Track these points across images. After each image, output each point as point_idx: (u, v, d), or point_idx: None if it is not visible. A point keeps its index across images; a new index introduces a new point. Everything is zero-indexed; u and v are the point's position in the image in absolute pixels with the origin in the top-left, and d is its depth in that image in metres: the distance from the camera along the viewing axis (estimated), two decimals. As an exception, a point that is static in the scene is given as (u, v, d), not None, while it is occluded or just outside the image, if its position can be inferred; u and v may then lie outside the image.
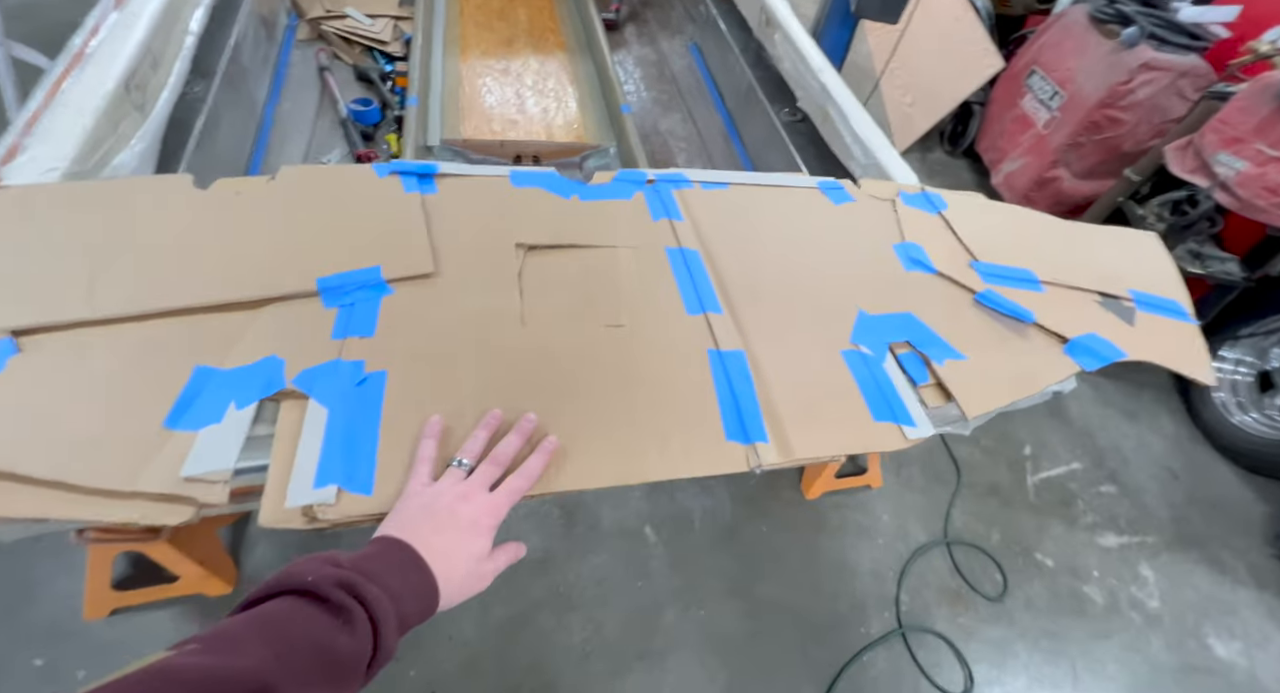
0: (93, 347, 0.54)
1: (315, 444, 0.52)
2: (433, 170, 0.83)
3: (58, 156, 0.77)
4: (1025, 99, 2.45)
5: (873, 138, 1.21)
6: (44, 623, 1.10)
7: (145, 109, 0.99)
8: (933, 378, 0.69)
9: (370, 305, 0.64)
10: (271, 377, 0.56)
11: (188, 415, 0.51)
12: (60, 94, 0.88)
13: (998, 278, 0.82)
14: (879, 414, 0.65)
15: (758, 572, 1.40)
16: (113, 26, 1.04)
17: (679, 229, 0.83)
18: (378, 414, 0.55)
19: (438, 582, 0.46)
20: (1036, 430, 1.80)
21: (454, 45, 2.26)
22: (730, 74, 2.08)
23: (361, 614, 0.39)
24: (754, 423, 0.61)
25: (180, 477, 0.47)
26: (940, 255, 0.84)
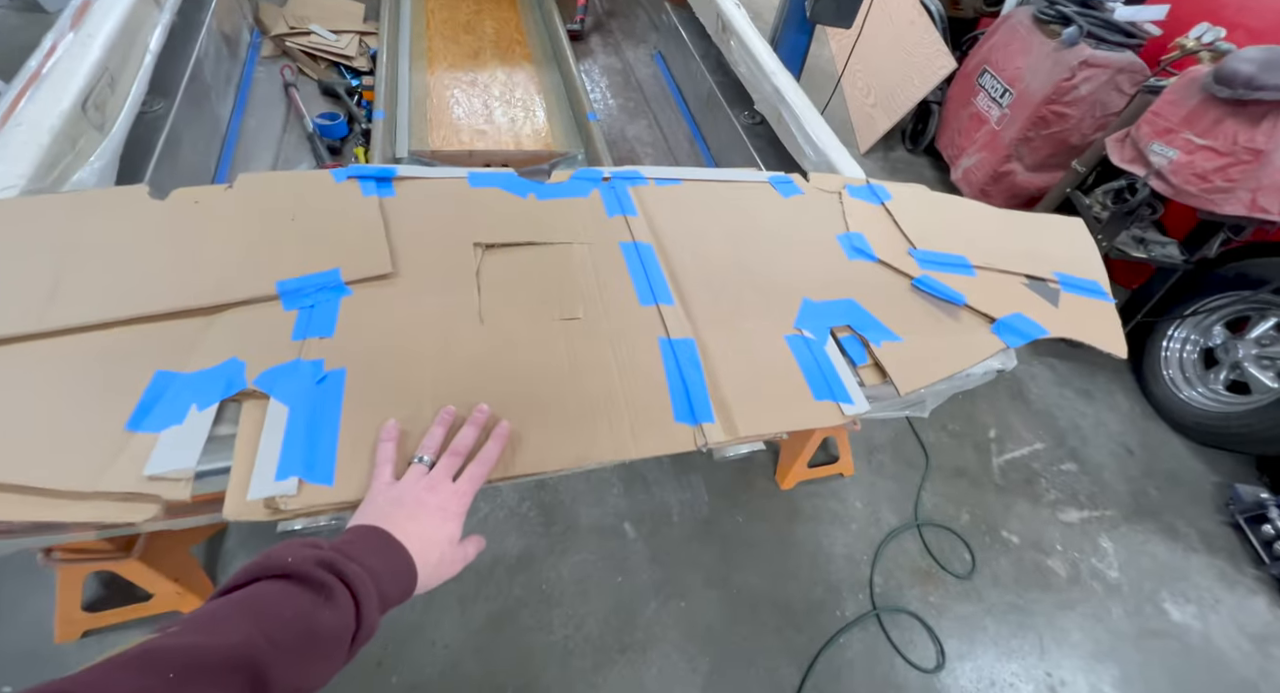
0: (54, 357, 0.55)
1: (277, 440, 0.54)
2: (391, 174, 0.85)
3: (14, 174, 0.78)
4: (978, 97, 2.55)
5: (822, 136, 1.26)
6: (13, 648, 1.08)
7: (104, 128, 1.00)
8: (870, 359, 0.74)
9: (330, 307, 0.66)
10: (232, 378, 0.57)
11: (149, 418, 0.53)
12: (16, 113, 0.89)
13: (933, 264, 0.87)
14: (819, 394, 0.68)
15: (735, 562, 1.43)
16: (69, 46, 1.05)
17: (633, 224, 0.86)
18: (338, 410, 0.57)
19: (415, 562, 0.47)
20: (1000, 413, 1.87)
21: (421, 59, 2.28)
22: (693, 80, 2.14)
23: (343, 591, 0.40)
24: (701, 405, 0.64)
25: (143, 476, 0.49)
26: (881, 244, 0.89)
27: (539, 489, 1.48)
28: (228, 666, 0.33)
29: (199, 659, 0.33)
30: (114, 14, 1.15)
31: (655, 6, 2.72)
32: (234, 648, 0.34)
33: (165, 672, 0.31)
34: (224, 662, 0.33)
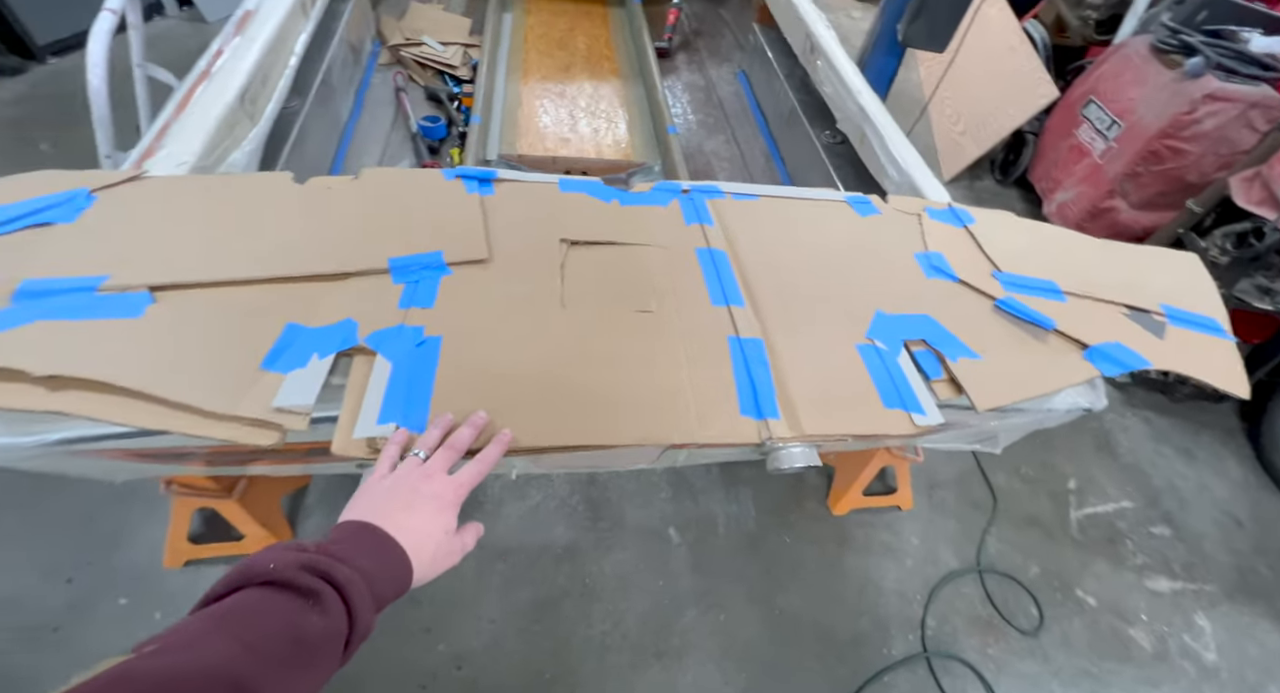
0: (212, 302, 0.65)
1: (380, 390, 0.60)
2: (491, 176, 0.92)
3: (187, 152, 0.91)
4: (1081, 129, 2.41)
5: (907, 157, 1.25)
6: (130, 567, 1.23)
7: (254, 118, 1.15)
8: (946, 374, 0.72)
9: (432, 283, 0.73)
10: (347, 335, 0.64)
11: (280, 361, 0.60)
12: (190, 104, 1.04)
13: (1020, 287, 0.84)
14: (889, 402, 0.67)
15: (780, 582, 1.40)
16: (234, 49, 1.22)
17: (709, 233, 0.89)
18: (433, 370, 0.63)
19: (409, 557, 0.46)
20: (1082, 463, 1.73)
21: (516, 70, 2.44)
22: (775, 98, 2.15)
23: (332, 594, 0.39)
24: (768, 402, 0.65)
25: (271, 407, 0.56)
26: (962, 265, 0.87)
27: (589, 484, 1.52)
28: (208, 683, 0.32)
29: (177, 680, 0.31)
30: (270, 23, 1.33)
31: (742, 27, 2.77)
32: (214, 666, 0.32)
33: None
34: (204, 680, 0.32)
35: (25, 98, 2.40)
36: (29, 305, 0.59)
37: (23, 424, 0.59)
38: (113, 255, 0.66)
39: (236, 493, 1.16)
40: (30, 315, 0.58)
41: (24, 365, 0.53)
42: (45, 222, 0.68)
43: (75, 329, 0.58)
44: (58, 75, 2.54)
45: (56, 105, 2.39)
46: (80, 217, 0.70)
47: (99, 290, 0.62)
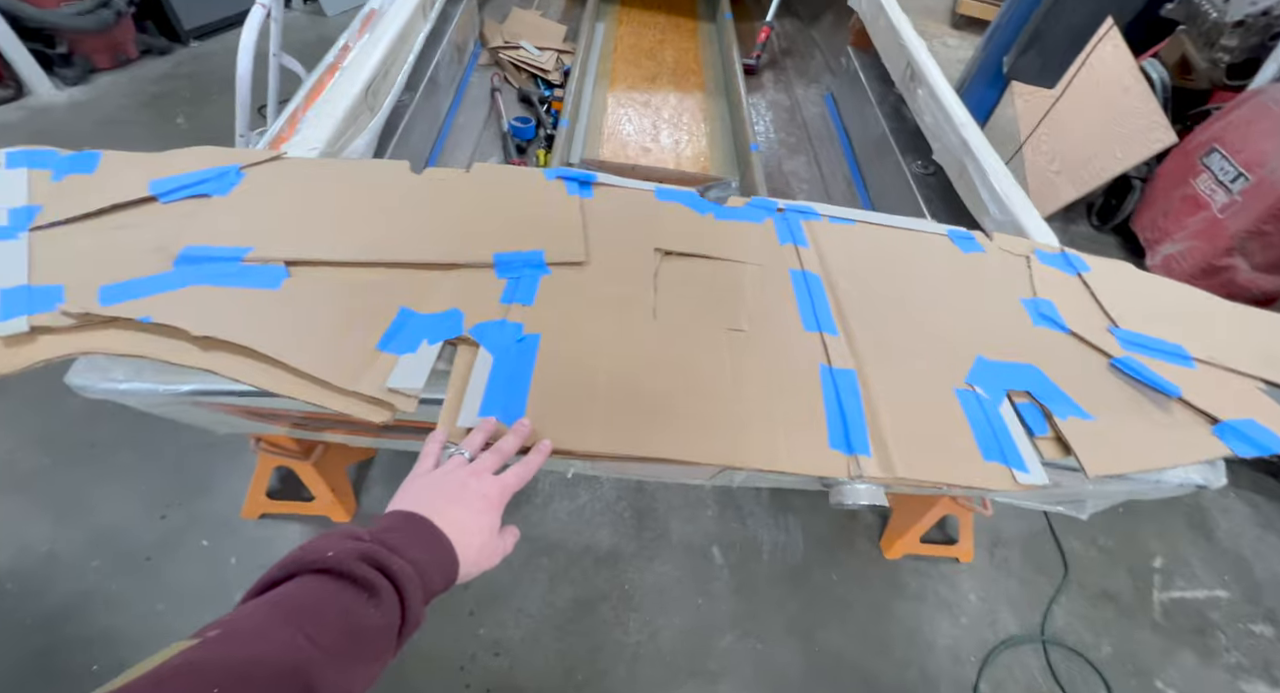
0: (334, 281, 0.70)
1: (482, 382, 0.62)
2: (591, 179, 0.95)
3: (316, 139, 0.99)
4: (1200, 178, 2.23)
5: (1013, 195, 1.19)
6: (213, 513, 1.33)
7: (374, 110, 1.23)
8: (1052, 432, 0.67)
9: (532, 281, 0.75)
10: (453, 324, 0.67)
11: (393, 343, 0.63)
12: (322, 94, 1.13)
13: (1140, 347, 0.78)
14: (989, 453, 0.64)
15: (822, 618, 1.35)
16: (363, 45, 1.32)
17: (804, 255, 0.88)
18: (530, 367, 0.64)
19: (456, 552, 0.46)
20: (1171, 541, 1.58)
21: (604, 78, 2.50)
22: (864, 123, 2.11)
23: (387, 587, 0.39)
24: (859, 437, 0.63)
25: (385, 387, 0.59)
26: (1074, 316, 0.82)
27: (637, 492, 1.52)
28: (275, 676, 0.32)
29: (246, 672, 0.31)
30: (396, 22, 1.42)
31: (833, 50, 2.73)
32: (280, 659, 0.33)
33: (210, 687, 0.30)
34: (272, 673, 0.32)
35: (168, 76, 2.67)
36: (187, 270, 0.65)
37: (162, 374, 0.66)
38: (256, 229, 0.72)
39: (314, 457, 1.24)
40: (187, 280, 0.64)
41: (184, 325, 0.58)
42: (203, 193, 0.75)
43: (223, 295, 0.64)
44: (197, 57, 2.81)
45: (193, 83, 2.64)
46: (231, 191, 0.77)
47: (244, 261, 0.68)
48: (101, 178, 0.75)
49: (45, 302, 0.60)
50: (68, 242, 0.66)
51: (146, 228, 0.70)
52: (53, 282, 0.61)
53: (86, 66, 2.54)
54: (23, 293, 0.60)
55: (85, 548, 1.27)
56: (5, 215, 0.67)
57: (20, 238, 0.65)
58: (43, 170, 0.74)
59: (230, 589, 1.23)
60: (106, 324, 0.59)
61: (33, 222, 0.67)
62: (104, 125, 2.31)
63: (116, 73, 2.62)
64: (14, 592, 1.20)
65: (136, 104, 2.47)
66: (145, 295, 0.61)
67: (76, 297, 0.60)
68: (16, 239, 0.65)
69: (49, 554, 1.26)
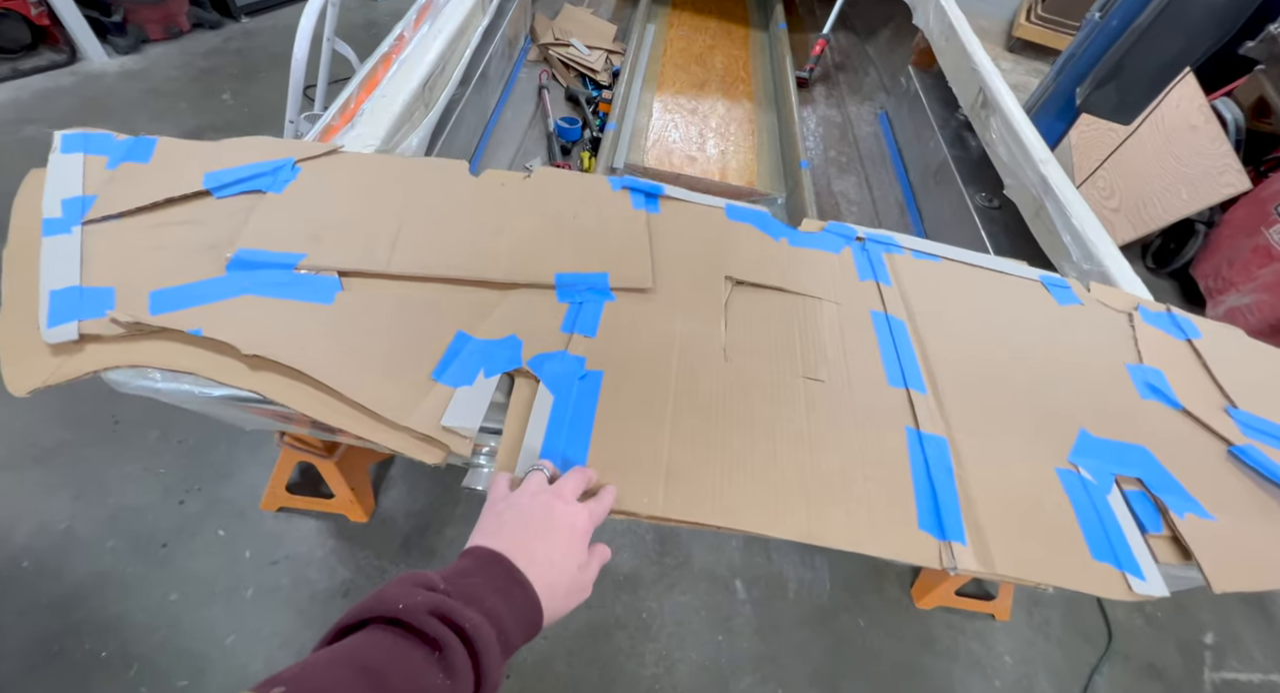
0: (391, 296, 0.65)
1: (542, 424, 0.57)
2: (659, 191, 0.89)
3: (373, 135, 0.95)
4: (1274, 229, 2.11)
5: (1100, 242, 1.11)
6: (232, 502, 1.30)
7: (430, 105, 1.19)
8: (1168, 530, 0.60)
9: (595, 307, 0.70)
10: (512, 354, 0.62)
11: (449, 373, 0.59)
12: (379, 86, 1.09)
13: (1262, 434, 0.70)
14: (1099, 553, 0.57)
15: (848, 668, 1.28)
16: (421, 38, 1.27)
17: (886, 294, 0.81)
18: (593, 410, 0.59)
19: (540, 597, 0.42)
20: (1225, 617, 1.49)
21: (652, 81, 2.44)
22: (923, 148, 2.03)
23: (459, 646, 0.36)
24: (952, 519, 0.57)
25: (439, 424, 0.55)
26: (1187, 390, 0.74)
27: (661, 516, 1.46)
28: None
29: None
30: (456, 15, 1.38)
31: (889, 67, 2.64)
32: None
33: None
34: None
35: (217, 51, 2.67)
36: (239, 277, 0.61)
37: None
38: (311, 232, 0.68)
39: (336, 455, 1.20)
40: (239, 288, 0.60)
41: (235, 341, 0.54)
42: (257, 189, 0.71)
43: (275, 308, 0.59)
44: (247, 33, 2.81)
45: (241, 59, 2.64)
46: (286, 188, 0.72)
47: (297, 269, 0.63)
48: (156, 167, 0.71)
49: (96, 306, 0.56)
50: (121, 238, 0.63)
51: (200, 225, 0.66)
52: (105, 283, 0.58)
53: (139, 36, 2.54)
54: (74, 294, 0.56)
55: (103, 528, 1.25)
56: (58, 206, 0.63)
57: (74, 232, 0.62)
58: (98, 156, 0.70)
59: (243, 583, 1.19)
60: (155, 334, 0.56)
61: (86, 214, 0.63)
62: (152, 96, 2.31)
63: (168, 44, 2.62)
64: (31, 570, 1.18)
65: (185, 77, 2.47)
66: (197, 304, 0.57)
67: (127, 301, 0.56)
68: (70, 233, 0.61)
69: (67, 532, 1.24)
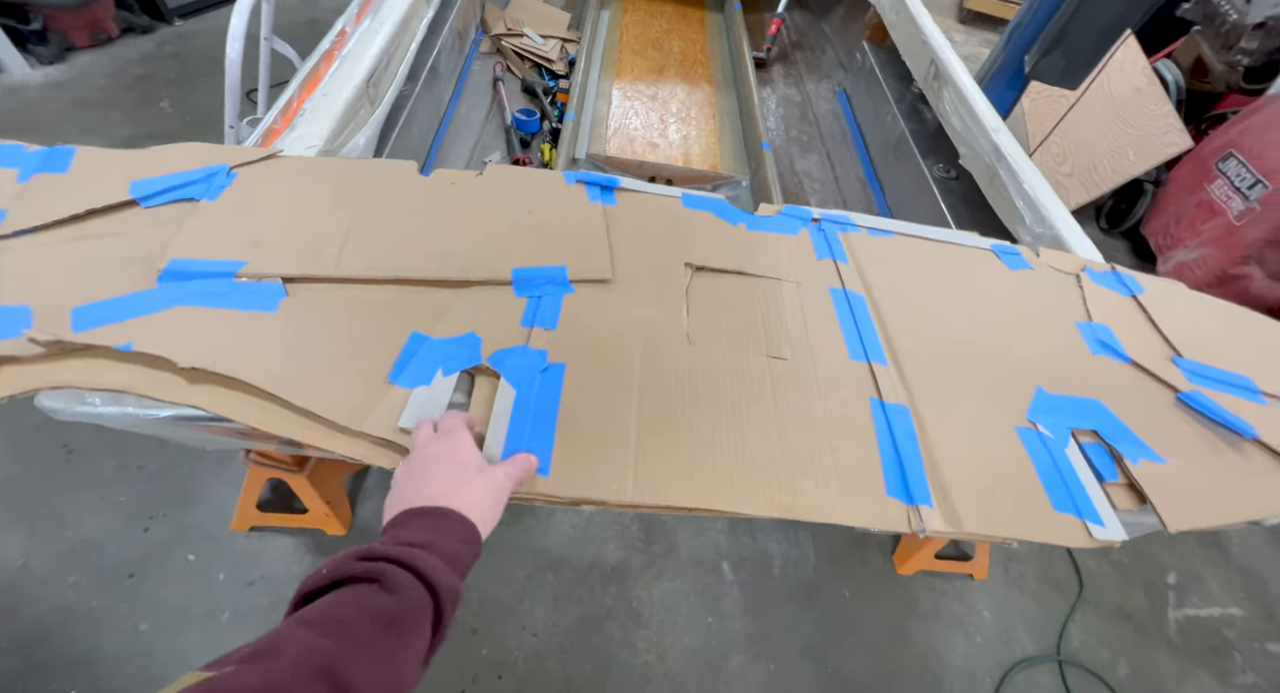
0: (340, 300, 0.63)
1: (504, 419, 0.56)
2: (615, 183, 0.88)
3: (315, 135, 0.91)
4: (1215, 184, 2.19)
5: (1050, 205, 1.14)
6: (201, 526, 1.26)
7: (375, 102, 1.15)
8: (1123, 477, 0.63)
9: (555, 300, 0.69)
10: (471, 352, 0.61)
11: (405, 374, 0.58)
12: (320, 86, 1.05)
13: (1207, 379, 0.73)
14: (1060, 504, 0.59)
15: (836, 638, 1.31)
16: (363, 32, 1.23)
17: (843, 271, 0.82)
18: (557, 402, 0.58)
19: (460, 512, 0.45)
20: (1185, 557, 1.56)
21: (610, 68, 2.41)
22: (880, 122, 2.05)
23: (394, 569, 0.38)
24: (918, 484, 0.58)
25: (397, 427, 0.53)
26: (1134, 343, 0.77)
27: (646, 505, 1.47)
28: (296, 681, 0.31)
29: (269, 685, 0.30)
30: (399, 8, 1.33)
31: (846, 44, 2.66)
32: (298, 663, 0.31)
33: None
34: (294, 680, 0.31)
35: (151, 57, 2.54)
36: (172, 288, 0.58)
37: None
38: (250, 239, 0.65)
39: (307, 469, 1.17)
40: (173, 299, 0.57)
41: (170, 354, 0.51)
42: (190, 197, 0.68)
43: (213, 318, 0.57)
44: (182, 36, 2.68)
45: (178, 64, 2.51)
46: (222, 194, 0.69)
47: (236, 277, 0.60)
48: (75, 178, 0.67)
49: (10, 326, 0.53)
50: (35, 254, 0.59)
51: (126, 237, 0.62)
52: (17, 302, 0.54)
53: (63, 44, 2.40)
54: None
55: (62, 562, 1.20)
56: (-38, 223, 0.59)
57: (-20, 249, 0.58)
58: (8, 169, 0.66)
59: (219, 607, 1.16)
60: (80, 353, 0.52)
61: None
62: (80, 107, 2.18)
63: (96, 52, 2.48)
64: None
65: (117, 86, 2.34)
66: (125, 318, 0.54)
67: (46, 319, 0.53)
68: (-25, 251, 0.57)
69: (23, 569, 1.18)
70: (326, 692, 0.31)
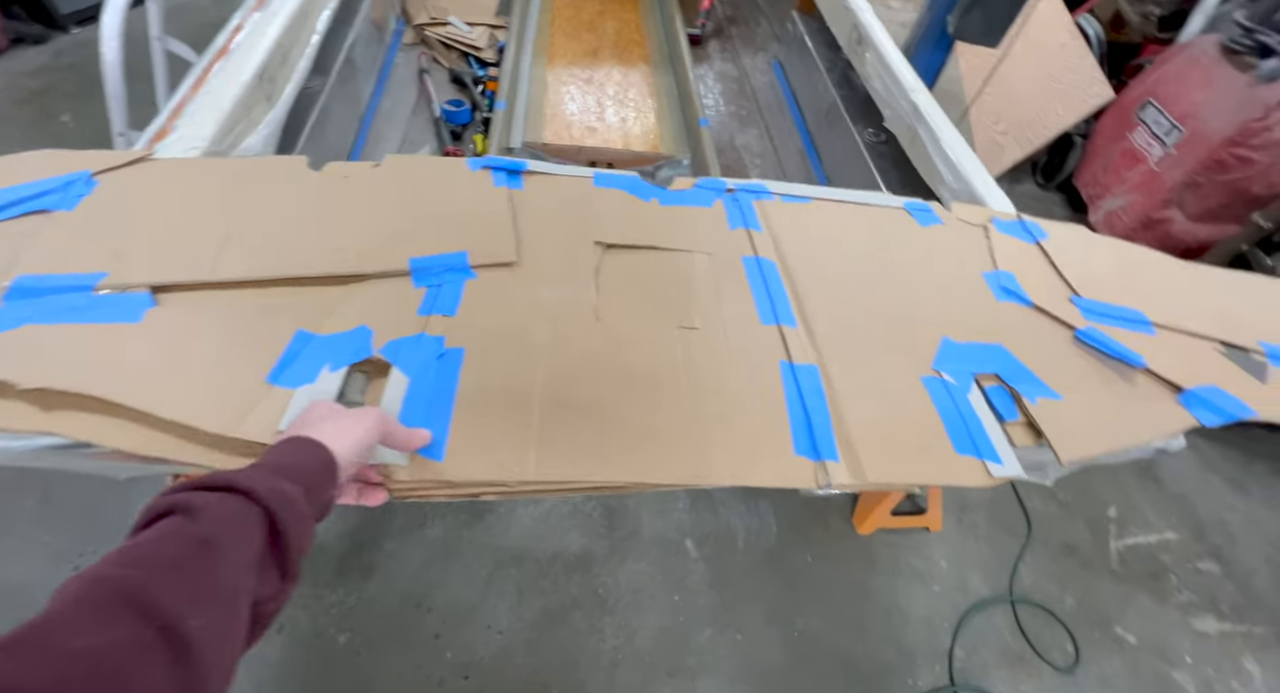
0: (213, 306, 0.59)
1: (395, 410, 0.54)
2: (521, 167, 0.85)
3: (200, 136, 0.86)
4: (1136, 133, 2.27)
5: (965, 161, 1.15)
6: (132, 556, 1.20)
7: (273, 99, 1.09)
8: (1023, 416, 0.64)
9: (455, 287, 0.66)
10: (361, 345, 0.58)
11: (287, 373, 0.54)
12: (206, 82, 0.99)
13: (1102, 316, 0.76)
14: (961, 447, 0.60)
15: (800, 602, 1.34)
16: (255, 24, 1.16)
17: (756, 239, 0.82)
18: (453, 387, 0.57)
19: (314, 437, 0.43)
20: (1124, 490, 1.64)
21: (542, 53, 2.35)
22: (813, 92, 2.05)
23: (190, 495, 0.36)
24: (825, 440, 0.59)
25: (278, 429, 0.50)
26: (1036, 287, 0.79)
27: (605, 491, 1.47)
28: (106, 613, 0.29)
29: (57, 620, 0.28)
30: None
31: (779, 15, 2.65)
32: (98, 601, 0.29)
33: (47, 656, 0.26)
34: (93, 609, 0.29)
35: (47, 68, 2.37)
36: (20, 306, 0.54)
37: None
38: (112, 249, 0.61)
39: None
40: (19, 318, 0.52)
41: (9, 375, 0.48)
42: (43, 208, 0.63)
43: (67, 335, 0.53)
44: (80, 45, 2.51)
45: (78, 76, 2.36)
46: (80, 203, 0.64)
47: (95, 290, 0.57)
48: (-92, 197, 0.61)
49: None
50: None
51: (-32, 256, 0.57)
52: None
53: (-56, 60, 2.23)
54: None
55: (-10, 611, 1.13)
56: None
57: None
58: None
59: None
60: (-92, 383, 0.48)
61: None
62: (-28, 128, 2.03)
63: (-17, 66, 2.31)
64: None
65: (11, 101, 2.18)
66: (-39, 344, 0.50)
67: None
68: None
69: (-53, 622, 1.11)
70: (132, 616, 0.29)
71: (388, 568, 1.27)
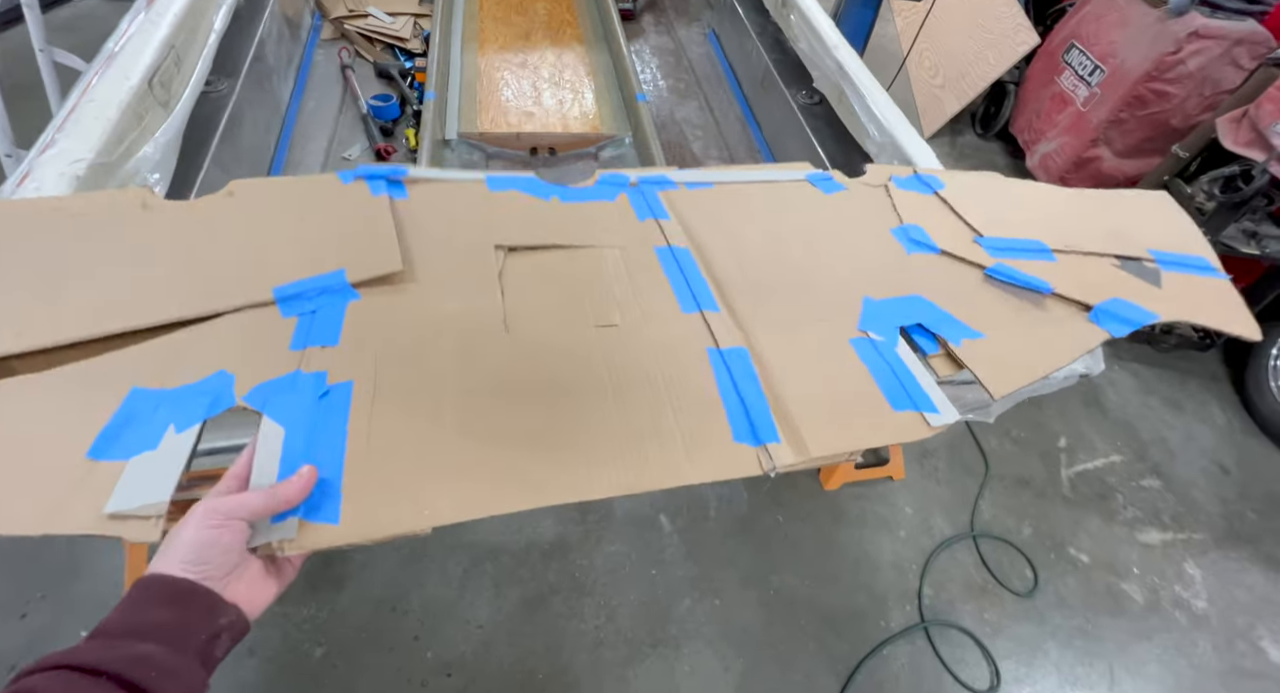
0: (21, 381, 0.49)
1: (271, 468, 0.45)
2: (402, 173, 0.78)
3: (84, 149, 0.80)
4: (1063, 76, 2.33)
5: (888, 115, 1.17)
6: (90, 597, 1.16)
7: (169, 105, 1.03)
8: (943, 350, 0.67)
9: (334, 312, 0.58)
10: (220, 394, 0.50)
11: (117, 444, 0.46)
12: (89, 91, 0.92)
13: (1006, 251, 0.78)
14: (898, 403, 0.61)
15: (774, 562, 1.38)
16: (140, 26, 1.09)
17: (666, 228, 0.80)
18: (343, 430, 0.49)
19: (159, 566, 0.39)
20: (1072, 421, 1.72)
21: (472, 40, 2.27)
22: (747, 59, 2.04)
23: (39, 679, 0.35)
24: (763, 423, 0.57)
25: (103, 514, 0.42)
26: (942, 235, 0.81)
27: (575, 476, 1.47)
28: None
29: None
30: (182, -5, 1.18)
31: (710, -17, 2.61)
32: None
33: None
34: None
35: (-68, 94, 2.19)
36: None
37: None
38: None
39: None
40: None
41: None
42: None
43: None
44: (-34, 67, 2.32)
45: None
46: None
47: None
48: None
49: None
50: None
51: None
52: None
53: None
54: None
55: (-61, 670, 1.09)
56: None
57: None
58: None
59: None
60: None
61: None
62: None
63: None
64: None
65: (-105, 134, 2.01)
66: None
67: None
68: None
69: (-104, 687, 1.07)
70: None
71: (360, 578, 1.26)
